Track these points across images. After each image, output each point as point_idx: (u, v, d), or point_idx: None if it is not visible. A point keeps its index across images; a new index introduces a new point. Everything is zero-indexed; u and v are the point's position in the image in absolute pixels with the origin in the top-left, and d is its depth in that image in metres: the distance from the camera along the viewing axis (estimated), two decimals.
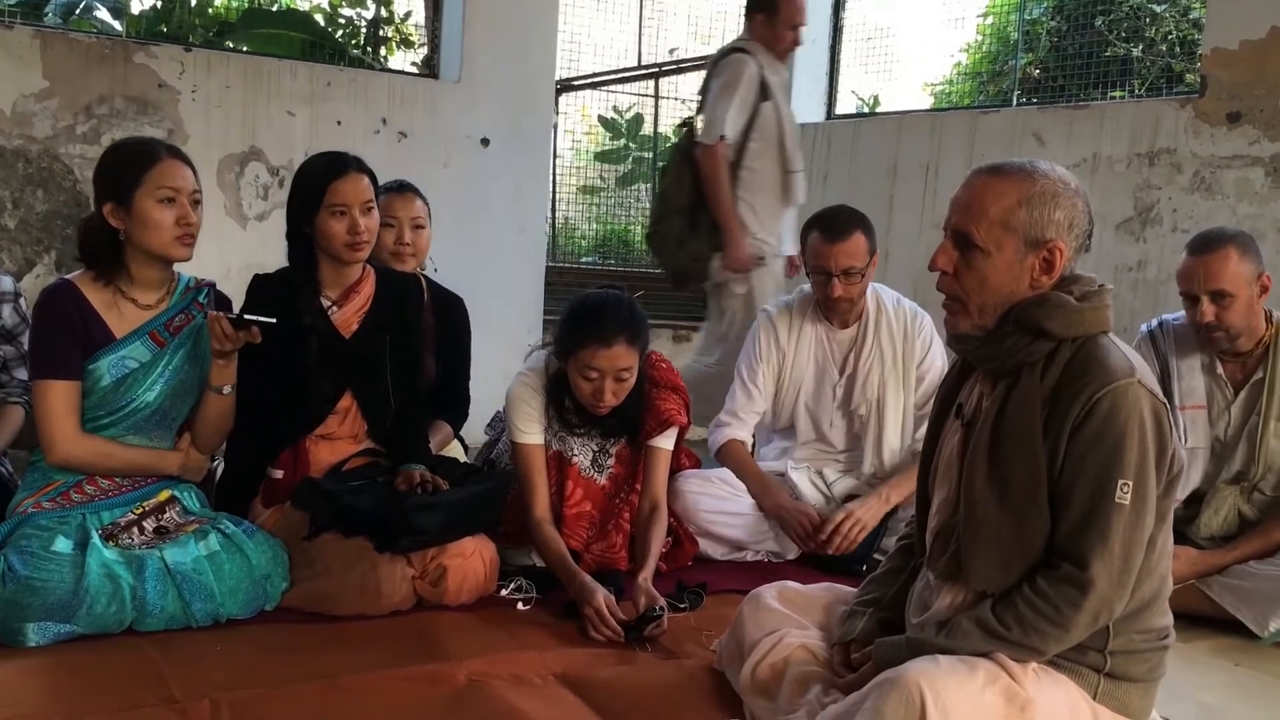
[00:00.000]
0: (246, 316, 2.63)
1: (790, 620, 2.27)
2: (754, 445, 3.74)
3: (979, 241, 1.92)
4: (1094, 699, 1.90)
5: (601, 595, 2.62)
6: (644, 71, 7.03)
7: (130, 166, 2.61)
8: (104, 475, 2.68)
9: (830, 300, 3.40)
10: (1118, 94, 5.55)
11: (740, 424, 3.56)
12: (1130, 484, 1.81)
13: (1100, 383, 1.83)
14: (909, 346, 3.50)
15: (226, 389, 2.74)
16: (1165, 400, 1.89)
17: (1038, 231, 1.90)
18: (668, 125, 7.22)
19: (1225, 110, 4.39)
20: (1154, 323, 3.30)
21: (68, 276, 2.70)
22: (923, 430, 3.42)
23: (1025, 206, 1.90)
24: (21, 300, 3.14)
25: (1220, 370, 3.13)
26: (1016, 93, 5.81)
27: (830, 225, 3.33)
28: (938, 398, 2.19)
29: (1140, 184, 4.65)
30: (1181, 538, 3.10)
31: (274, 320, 2.65)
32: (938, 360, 3.52)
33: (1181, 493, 3.13)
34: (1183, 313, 3.22)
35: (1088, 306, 1.91)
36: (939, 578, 2.01)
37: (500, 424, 3.53)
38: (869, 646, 2.04)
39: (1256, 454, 3.06)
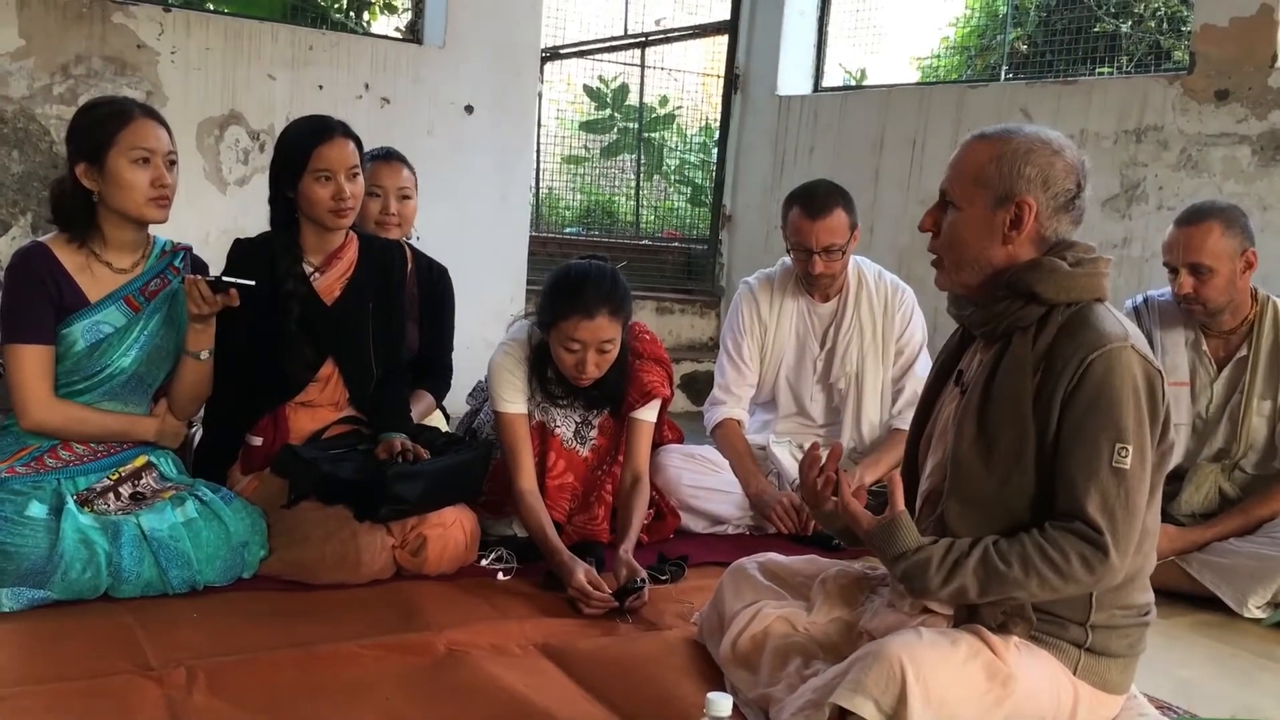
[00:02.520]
0: (224, 279, 2.59)
1: (770, 592, 2.27)
2: None
3: (953, 197, 1.96)
4: (1074, 674, 1.90)
5: (581, 572, 2.60)
6: (630, 41, 6.97)
7: (102, 126, 2.56)
8: (79, 441, 2.65)
9: (811, 277, 3.39)
10: (1106, 70, 5.53)
11: (734, 400, 3.56)
12: (1129, 448, 1.81)
13: (1092, 345, 1.83)
14: (889, 320, 3.50)
15: (204, 354, 2.70)
16: (1159, 369, 1.89)
17: (1006, 186, 1.91)
18: (653, 96, 7.17)
19: (1214, 88, 4.38)
20: (1139, 298, 3.30)
21: (40, 239, 2.66)
22: (899, 405, 3.46)
23: (996, 162, 1.92)
24: None
25: (1204, 347, 3.13)
26: (1004, 67, 5.77)
27: (810, 201, 3.31)
28: (935, 364, 2.20)
29: (1127, 161, 4.64)
30: (1162, 515, 3.11)
31: (252, 283, 2.61)
32: (917, 334, 3.52)
33: None
34: (1168, 289, 3.22)
35: (1081, 272, 1.91)
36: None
37: (482, 393, 3.50)
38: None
39: (1238, 432, 3.07)
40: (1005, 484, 1.88)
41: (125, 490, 2.63)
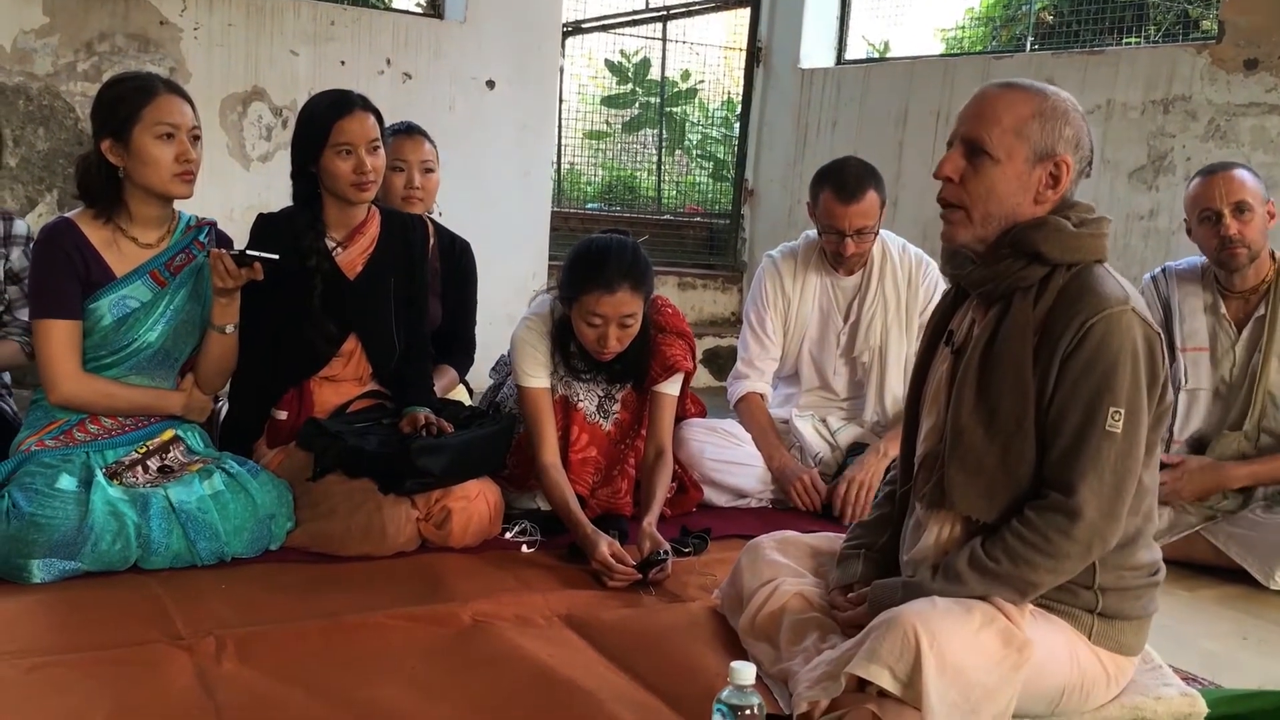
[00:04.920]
0: (249, 253, 2.61)
1: (787, 569, 2.27)
2: None
3: (990, 148, 1.91)
4: (1089, 639, 1.91)
5: (604, 545, 2.61)
6: (652, 14, 6.93)
7: (127, 102, 2.58)
8: (107, 415, 2.68)
9: (842, 257, 3.37)
10: (1133, 40, 5.46)
11: (758, 374, 3.56)
12: (1122, 412, 1.81)
13: (1093, 309, 1.83)
14: (912, 293, 3.48)
15: (229, 328, 2.72)
16: (1159, 330, 1.89)
17: (1049, 144, 1.90)
18: (675, 70, 7.13)
19: (1242, 57, 4.32)
20: (1157, 270, 3.29)
21: (67, 215, 2.68)
22: None
23: (1038, 118, 1.90)
24: (32, 244, 3.12)
25: (1223, 310, 3.12)
26: (1030, 38, 5.71)
27: (843, 184, 3.27)
28: (929, 326, 2.18)
29: (1154, 131, 4.59)
30: None
31: (277, 257, 2.63)
32: None
33: (1182, 434, 3.12)
34: (1187, 260, 3.21)
35: (1085, 233, 1.91)
36: (926, 506, 2.01)
37: (505, 368, 3.52)
38: (867, 588, 2.05)
39: (1256, 390, 3.05)
40: (1008, 451, 1.88)
41: (153, 463, 2.66)
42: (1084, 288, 1.86)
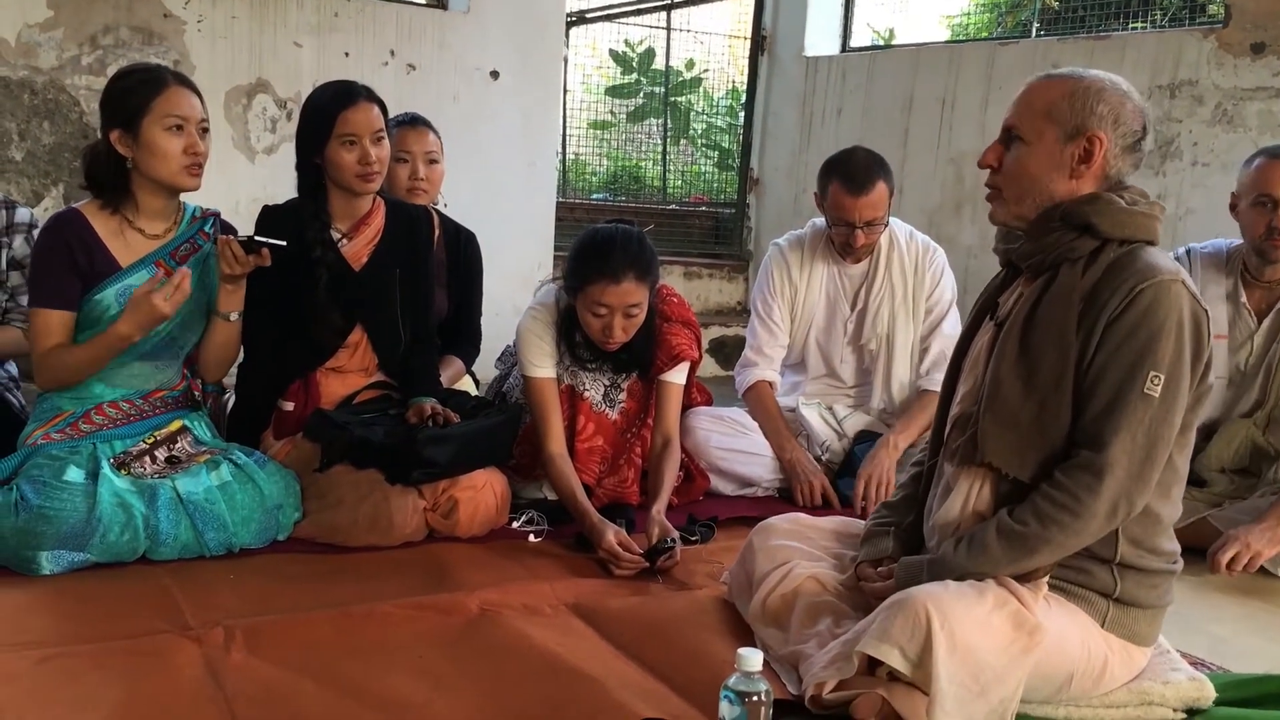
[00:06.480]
0: (257, 239, 2.61)
1: (799, 552, 2.28)
2: None
3: (1021, 132, 1.98)
4: (1103, 626, 1.91)
5: (611, 534, 2.62)
6: (656, 4, 6.91)
7: (137, 93, 2.58)
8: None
9: (852, 248, 3.37)
10: (1139, 24, 5.44)
11: (767, 361, 3.55)
12: (1162, 377, 1.82)
13: (1143, 276, 1.85)
14: (919, 280, 3.47)
15: (234, 316, 2.73)
16: (1207, 309, 1.90)
17: (1078, 120, 1.94)
18: (680, 59, 7.11)
19: (1249, 41, 4.30)
20: (1180, 250, 3.26)
21: (75, 205, 2.68)
22: (927, 364, 3.45)
23: (1068, 99, 1.95)
24: (35, 232, 3.13)
25: (1244, 299, 3.10)
26: (1036, 24, 5.69)
27: (852, 177, 3.26)
28: (975, 305, 2.21)
29: (1161, 116, 4.57)
30: (1189, 470, 3.07)
31: (284, 243, 2.63)
32: (947, 294, 3.50)
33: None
34: (1211, 243, 3.18)
35: (1137, 210, 1.94)
36: (956, 463, 2.01)
37: (511, 358, 3.52)
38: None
39: (1272, 381, 3.03)
40: (1044, 409, 1.90)
41: (161, 454, 2.67)
42: (1134, 260, 1.89)
